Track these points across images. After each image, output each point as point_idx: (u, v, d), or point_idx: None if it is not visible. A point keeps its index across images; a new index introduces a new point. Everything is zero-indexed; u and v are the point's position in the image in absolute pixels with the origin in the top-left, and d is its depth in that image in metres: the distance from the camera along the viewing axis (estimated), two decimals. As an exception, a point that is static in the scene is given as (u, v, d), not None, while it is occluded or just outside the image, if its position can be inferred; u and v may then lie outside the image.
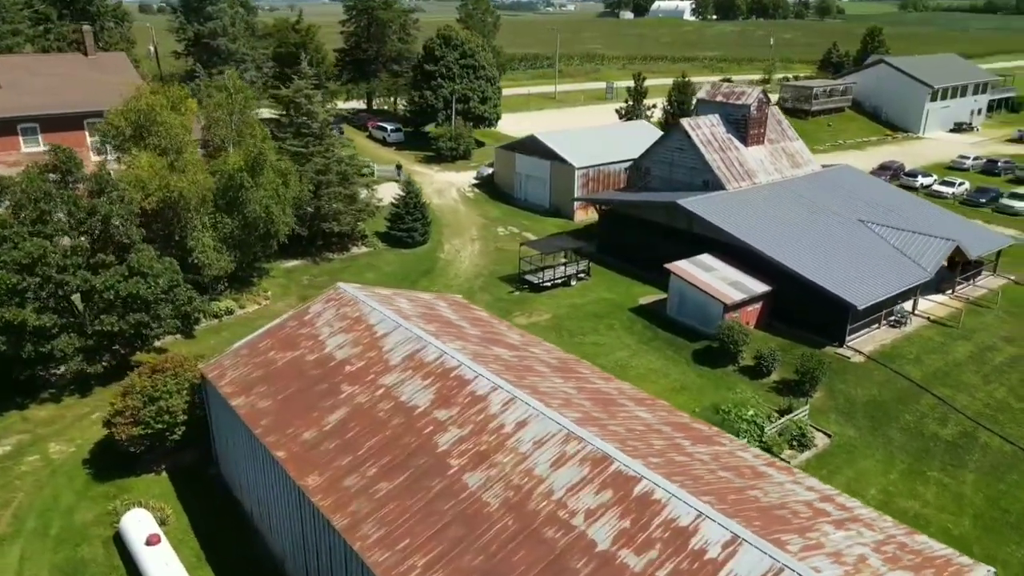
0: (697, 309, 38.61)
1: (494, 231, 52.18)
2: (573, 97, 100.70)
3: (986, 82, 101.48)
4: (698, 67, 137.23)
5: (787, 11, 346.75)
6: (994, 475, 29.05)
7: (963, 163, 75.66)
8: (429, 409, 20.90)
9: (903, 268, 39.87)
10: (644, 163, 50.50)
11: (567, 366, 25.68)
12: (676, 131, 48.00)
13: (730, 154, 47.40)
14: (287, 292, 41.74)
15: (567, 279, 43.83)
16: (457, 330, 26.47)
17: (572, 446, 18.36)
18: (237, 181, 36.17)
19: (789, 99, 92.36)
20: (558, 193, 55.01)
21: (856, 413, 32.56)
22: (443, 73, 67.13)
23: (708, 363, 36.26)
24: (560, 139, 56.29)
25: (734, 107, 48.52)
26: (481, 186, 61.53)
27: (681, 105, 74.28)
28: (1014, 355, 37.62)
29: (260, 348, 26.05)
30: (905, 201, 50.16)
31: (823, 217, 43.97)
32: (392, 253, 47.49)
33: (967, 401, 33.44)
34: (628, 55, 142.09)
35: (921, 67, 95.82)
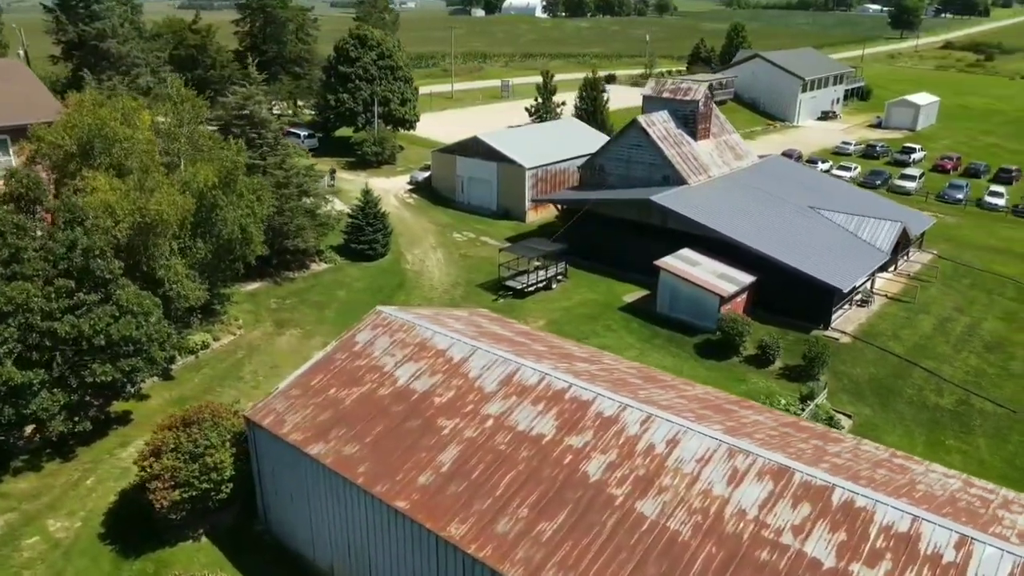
0: (690, 304, 39.12)
1: (451, 237, 50.40)
2: (471, 96, 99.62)
3: (842, 73, 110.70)
4: (575, 63, 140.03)
5: (630, 8, 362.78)
6: (1000, 438, 31.50)
7: (846, 148, 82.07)
8: (558, 436, 19.58)
9: (863, 250, 42.42)
10: (598, 161, 50.59)
11: (649, 374, 25.04)
12: (632, 128, 48.40)
13: (684, 149, 48.48)
14: (259, 319, 38.10)
15: (548, 282, 43.09)
16: (527, 347, 25.10)
17: (741, 460, 17.78)
18: (209, 199, 32.43)
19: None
20: (507, 195, 54.01)
21: (864, 392, 34.25)
22: (360, 75, 64.00)
23: (713, 356, 36.86)
24: (504, 140, 55.28)
25: (682, 103, 49.64)
26: (418, 191, 59.31)
27: (593, 102, 75.23)
28: (968, 324, 41.09)
29: (315, 387, 23.41)
30: (835, 186, 53.55)
31: (780, 206, 45.96)
32: (355, 268, 44.62)
33: (951, 371, 36.10)
34: (505, 53, 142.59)
35: (791, 61, 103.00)
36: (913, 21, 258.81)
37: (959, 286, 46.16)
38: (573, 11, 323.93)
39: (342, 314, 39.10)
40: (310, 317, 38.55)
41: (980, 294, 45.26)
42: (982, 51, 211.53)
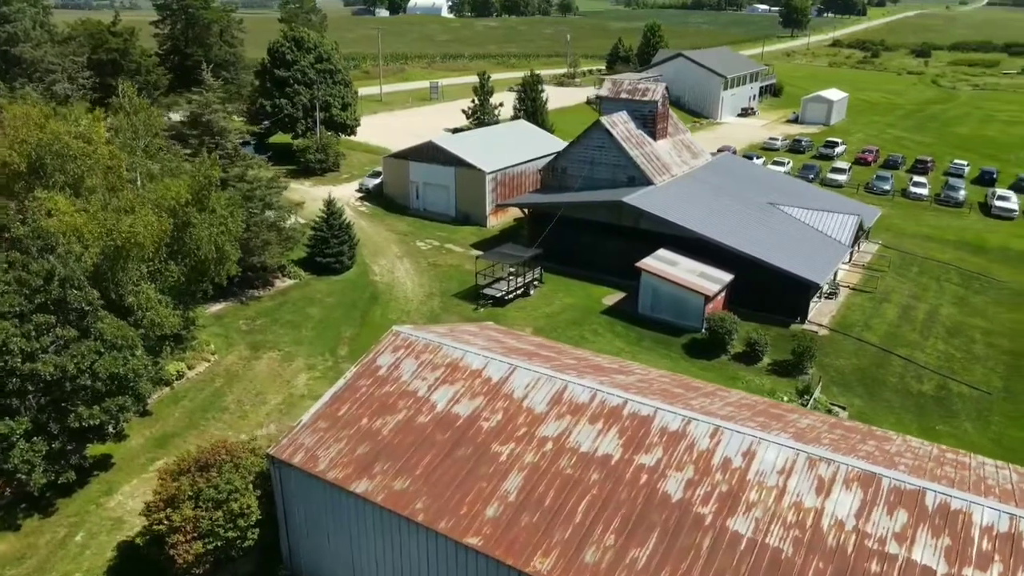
0: (673, 304, 39.21)
1: (414, 246, 48.80)
2: (400, 98, 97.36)
3: (757, 71, 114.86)
4: (496, 64, 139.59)
5: (534, 8, 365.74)
6: (982, 420, 32.99)
7: (774, 143, 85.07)
8: (627, 456, 18.87)
9: (827, 244, 43.74)
10: (560, 163, 50.16)
11: (684, 382, 24.65)
12: (595, 130, 48.20)
13: (646, 149, 48.70)
14: (231, 343, 35.55)
15: (526, 288, 42.29)
16: (558, 361, 24.24)
17: (824, 469, 17.58)
18: (182, 217, 29.89)
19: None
20: (466, 200, 52.81)
21: (851, 383, 35.20)
22: (298, 79, 61.20)
23: (702, 355, 37.06)
24: (460, 144, 54.03)
25: (641, 103, 49.85)
26: (369, 199, 57.23)
27: (533, 102, 74.93)
28: (928, 311, 43.04)
29: (344, 418, 21.80)
30: (785, 182, 55.14)
31: (743, 203, 46.83)
32: (322, 282, 42.44)
33: (924, 357, 37.63)
34: (427, 54, 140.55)
35: (712, 59, 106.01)
36: (802, 20, 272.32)
37: (909, 274, 48.37)
38: (479, 11, 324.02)
39: (320, 333, 37.07)
40: (286, 338, 36.32)
41: (930, 281, 47.56)
42: (867, 48, 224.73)
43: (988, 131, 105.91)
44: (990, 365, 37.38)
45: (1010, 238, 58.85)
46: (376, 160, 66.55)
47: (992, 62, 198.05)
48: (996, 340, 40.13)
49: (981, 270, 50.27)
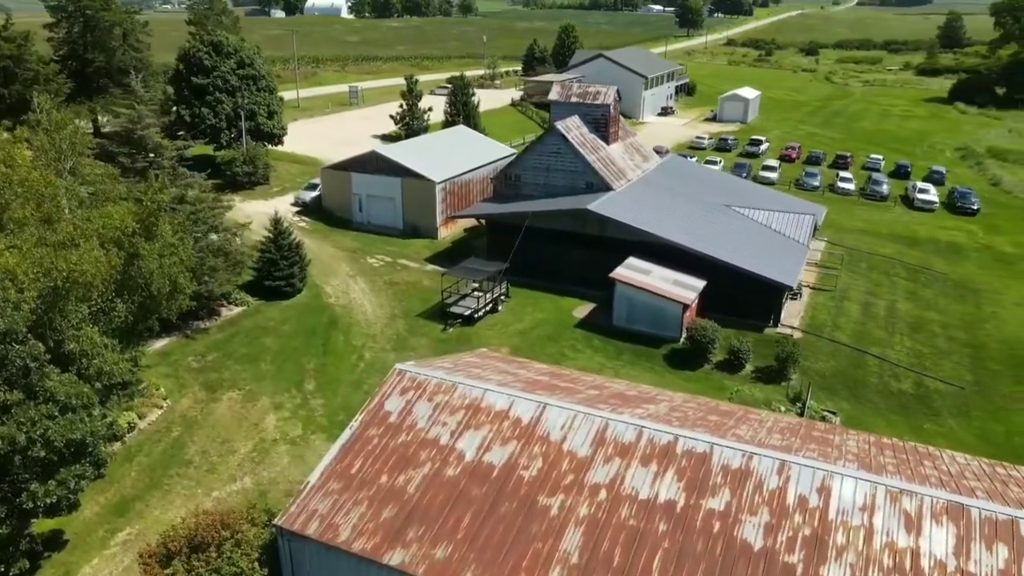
0: (650, 314, 38.12)
1: (366, 263, 45.80)
2: (318, 104, 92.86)
3: (673, 71, 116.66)
4: (410, 66, 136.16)
5: (435, 9, 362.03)
6: (963, 416, 33.45)
7: (702, 142, 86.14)
8: (692, 501, 17.30)
9: (788, 245, 43.81)
10: (514, 171, 48.35)
11: (710, 406, 23.32)
12: (550, 135, 46.66)
13: (602, 154, 47.58)
14: (183, 384, 31.83)
15: (494, 304, 40.25)
16: (579, 392, 22.42)
17: (908, 503, 16.54)
18: (128, 249, 26.25)
19: (535, 94, 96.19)
20: (415, 212, 50.13)
21: (835, 386, 35.05)
22: (219, 86, 56.71)
23: (685, 366, 36.12)
24: (405, 153, 51.24)
25: (592, 107, 48.67)
26: (307, 213, 53.62)
27: (465, 106, 72.77)
28: (887, 307, 43.79)
29: (359, 475, 19.26)
30: (733, 182, 55.29)
31: (701, 206, 46.40)
32: (274, 308, 38.96)
33: (895, 355, 38.03)
34: (337, 56, 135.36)
35: (631, 59, 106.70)
36: (697, 20, 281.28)
37: (860, 270, 49.29)
38: (380, 12, 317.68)
39: (281, 366, 33.82)
40: (245, 374, 32.90)
41: (880, 276, 48.59)
42: (761, 47, 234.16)
43: (888, 126, 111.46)
44: (956, 359, 38.18)
45: (936, 230, 61.33)
46: (306, 171, 62.84)
47: (875, 59, 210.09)
48: (954, 333, 41.16)
49: (922, 263, 51.88)
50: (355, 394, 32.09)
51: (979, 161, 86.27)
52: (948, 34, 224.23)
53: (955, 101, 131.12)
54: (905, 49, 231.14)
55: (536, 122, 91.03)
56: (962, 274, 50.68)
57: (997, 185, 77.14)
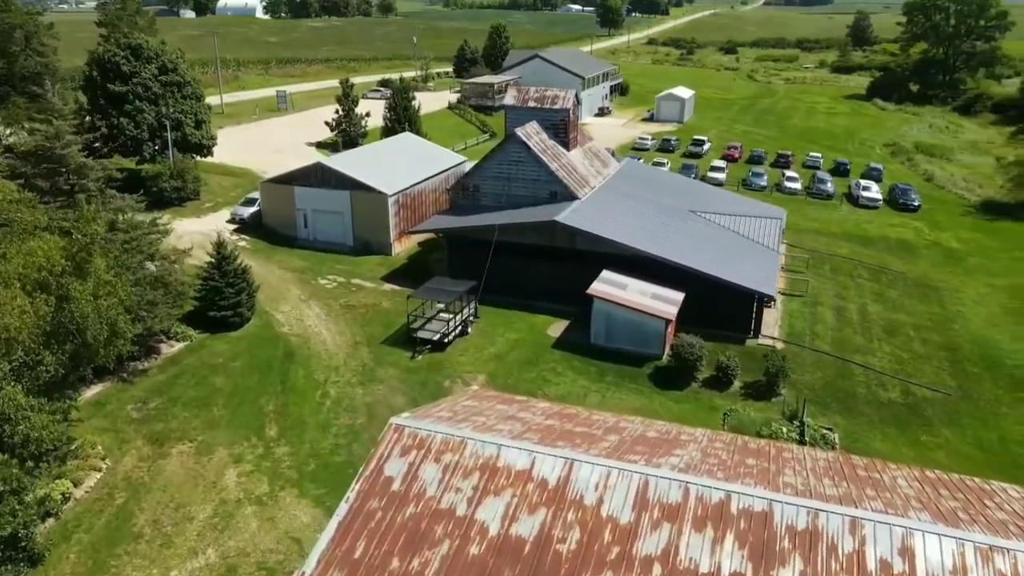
0: (630, 331, 36.16)
1: (318, 285, 42.21)
2: (244, 109, 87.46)
3: (608, 71, 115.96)
4: (337, 68, 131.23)
5: (354, 9, 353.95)
6: (955, 424, 32.75)
7: (645, 143, 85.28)
8: (762, 572, 15.13)
9: (760, 251, 42.66)
10: (471, 181, 45.63)
11: (739, 444, 21.26)
12: (510, 143, 44.14)
13: (563, 161, 45.39)
14: (124, 439, 27.84)
15: (463, 326, 37.48)
16: (603, 440, 20.01)
17: (1001, 562, 14.79)
18: (56, 291, 22.38)
19: (472, 96, 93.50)
20: (366, 227, 46.70)
21: (825, 400, 33.85)
22: (140, 94, 51.75)
23: (672, 385, 34.31)
24: (352, 164, 47.68)
25: (551, 112, 46.38)
26: (246, 231, 49.43)
27: (405, 111, 69.43)
28: (858, 311, 43.19)
29: (365, 561, 16.30)
30: (692, 186, 54.04)
31: (668, 213, 44.82)
32: (221, 342, 35.08)
33: (878, 361, 37.24)
34: (259, 59, 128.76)
35: (567, 59, 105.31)
36: (617, 20, 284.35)
37: (824, 272, 48.75)
38: (297, 11, 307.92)
39: (236, 410, 30.19)
40: (195, 422, 29.14)
41: (845, 278, 48.15)
42: (682, 46, 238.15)
43: (816, 123, 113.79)
44: (936, 364, 37.69)
45: (884, 227, 61.88)
46: (240, 183, 58.43)
47: (791, 57, 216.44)
48: (927, 335, 40.82)
49: (880, 263, 51.87)
50: (324, 438, 28.86)
51: (910, 157, 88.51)
52: (857, 33, 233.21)
53: (873, 98, 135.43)
54: (817, 47, 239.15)
55: (475, 125, 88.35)
56: (919, 272, 50.88)
57: (931, 180, 79.08)
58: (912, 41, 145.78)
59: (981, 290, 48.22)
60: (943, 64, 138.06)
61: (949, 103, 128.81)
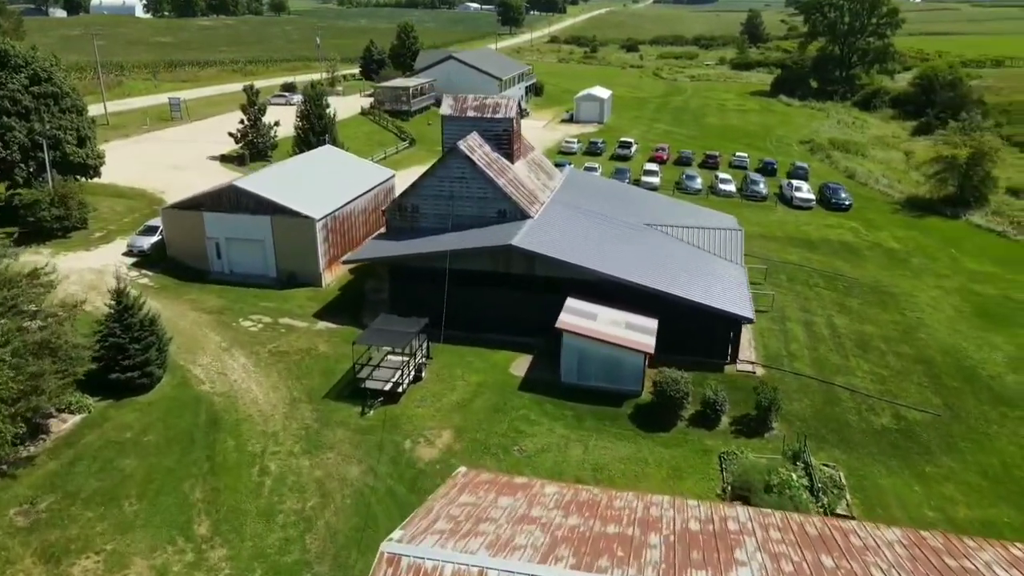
0: (606, 367, 32.61)
1: (241, 329, 36.53)
2: (132, 120, 78.63)
3: (523, 71, 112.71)
4: (232, 71, 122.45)
5: (244, 8, 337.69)
6: (954, 450, 30.85)
7: (571, 147, 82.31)
8: None
9: (727, 267, 40.03)
10: (409, 201, 40.93)
11: (801, 531, 17.80)
12: (452, 157, 39.73)
13: (510, 175, 41.42)
14: (8, 562, 21.82)
15: (417, 371, 32.91)
16: (647, 546, 16.11)
17: None
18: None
19: (386, 101, 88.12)
20: (291, 256, 41.17)
21: (820, 432, 31.34)
22: (7, 108, 44.15)
23: (655, 426, 30.95)
24: (270, 185, 41.87)
25: (492, 121, 42.32)
26: (147, 264, 42.88)
27: (320, 119, 63.62)
28: (826, 325, 41.25)
29: None
30: (635, 194, 51.10)
31: (624, 228, 41.61)
32: (128, 410, 29.13)
33: (860, 382, 35.16)
34: (145, 62, 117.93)
35: (482, 60, 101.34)
36: (518, 18, 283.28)
37: (781, 282, 46.84)
38: (181, 11, 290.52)
39: (155, 502, 24.61)
40: (102, 525, 23.43)
41: (803, 288, 46.38)
42: (585, 44, 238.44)
43: (731, 120, 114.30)
44: (915, 380, 35.99)
45: (823, 229, 61.09)
46: (135, 207, 51.47)
47: (692, 55, 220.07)
48: (898, 348, 39.24)
49: (831, 268, 50.55)
50: (269, 530, 23.81)
51: (828, 155, 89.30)
52: (751, 31, 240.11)
53: (778, 94, 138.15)
54: (714, 45, 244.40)
55: (392, 132, 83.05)
56: (869, 277, 49.80)
57: (852, 178, 79.63)
58: (810, 38, 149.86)
59: (932, 293, 47.48)
60: (840, 61, 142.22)
61: (849, 98, 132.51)
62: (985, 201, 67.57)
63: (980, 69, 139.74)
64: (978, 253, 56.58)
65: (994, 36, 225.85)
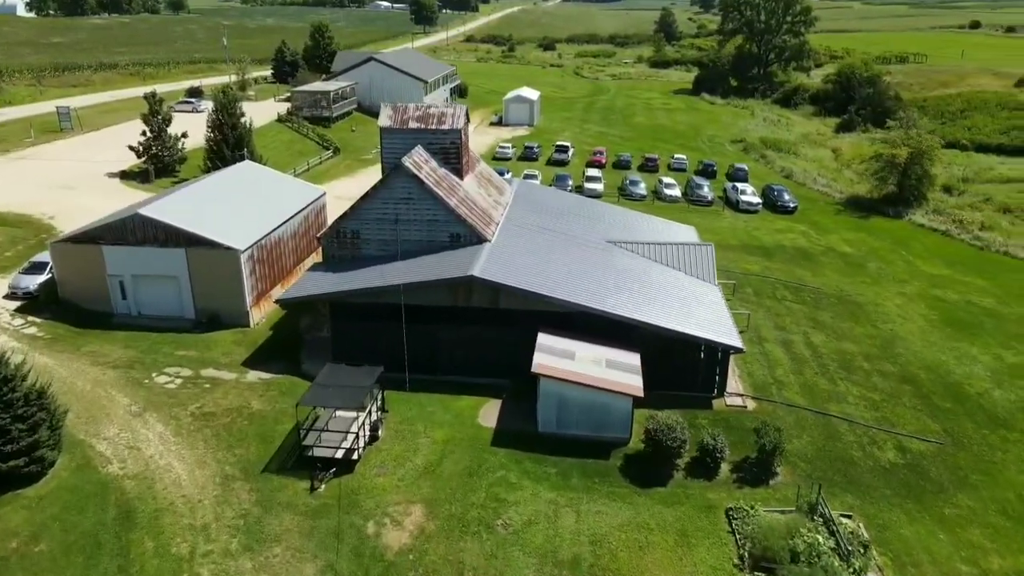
0: (590, 414, 28.81)
1: (155, 386, 30.74)
2: (14, 132, 69.22)
3: (447, 73, 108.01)
4: (131, 75, 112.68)
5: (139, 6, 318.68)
6: (966, 485, 28.50)
7: (506, 152, 78.34)
8: None
9: (704, 289, 36.82)
10: (348, 226, 35.93)
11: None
12: (397, 177, 34.97)
13: (460, 194, 37.06)
14: None
15: (374, 430, 28.17)
16: None
17: None
18: None
19: (304, 106, 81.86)
20: (213, 294, 35.46)
21: (827, 474, 28.41)
22: None
23: (650, 480, 27.34)
24: (181, 211, 35.94)
25: (438, 133, 37.84)
26: (33, 310, 36.32)
27: (234, 130, 57.43)
28: (804, 343, 38.77)
29: None
30: (589, 207, 47.52)
31: (590, 250, 37.92)
32: (13, 508, 23.15)
33: (855, 411, 32.60)
34: (28, 66, 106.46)
35: (405, 62, 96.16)
36: (432, 17, 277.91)
37: (749, 296, 44.28)
38: (69, 9, 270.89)
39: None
40: None
41: (771, 302, 43.93)
42: (501, 42, 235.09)
43: (660, 120, 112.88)
44: (908, 403, 33.73)
45: (774, 234, 59.28)
46: (18, 237, 44.47)
47: (609, 53, 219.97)
48: (881, 366, 37.06)
49: (794, 278, 48.44)
50: (206, 668, 18.78)
51: (763, 154, 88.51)
52: (665, 29, 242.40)
53: (700, 92, 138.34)
54: (629, 43, 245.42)
55: (314, 141, 77.01)
56: (832, 285, 47.92)
57: (790, 177, 78.73)
58: (728, 36, 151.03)
59: (897, 301, 45.90)
60: (758, 58, 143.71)
61: (769, 96, 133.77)
62: (924, 200, 67.55)
63: (887, 65, 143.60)
64: (928, 255, 55.85)
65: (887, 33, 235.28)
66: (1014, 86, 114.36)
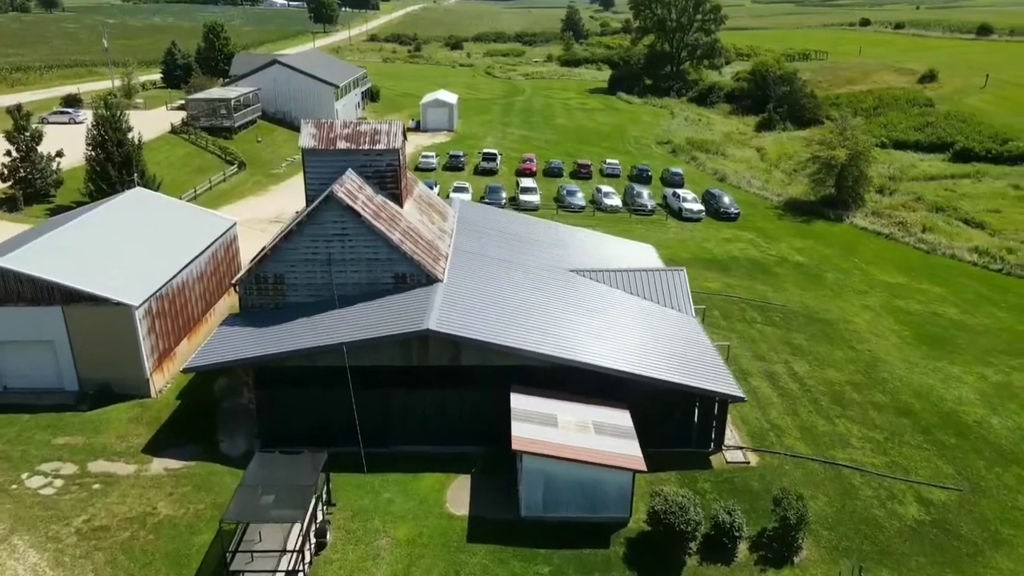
0: (583, 492, 24.12)
1: (27, 494, 23.81)
2: None
3: (358, 76, 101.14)
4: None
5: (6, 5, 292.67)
6: (1002, 543, 25.45)
7: (430, 162, 72.79)
8: None
9: (683, 324, 32.79)
10: (269, 270, 29.83)
11: None
12: (326, 210, 29.11)
13: (403, 224, 31.59)
14: None
15: (320, 535, 22.47)
16: None
17: None
18: None
19: (202, 115, 73.63)
20: (100, 360, 28.53)
21: (851, 538, 24.81)
22: None
23: (660, 570, 22.91)
24: (55, 259, 28.83)
25: (372, 154, 32.24)
26: None
27: (120, 147, 49.61)
28: (788, 374, 35.43)
29: None
30: (539, 228, 42.78)
31: (560, 287, 33.10)
32: None
33: (862, 457, 29.24)
34: None
35: (313, 65, 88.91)
36: (332, 15, 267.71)
37: (718, 321, 40.72)
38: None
39: None
40: None
41: (742, 326, 40.55)
42: (406, 42, 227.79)
43: (582, 121, 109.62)
44: (912, 442, 30.71)
45: (723, 244, 56.45)
46: None
47: (519, 52, 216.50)
48: (872, 396, 34.12)
49: (757, 296, 45.40)
50: None
51: (692, 156, 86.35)
52: (572, 27, 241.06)
53: (616, 91, 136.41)
54: (537, 41, 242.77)
55: (215, 154, 69.08)
56: (796, 301, 45.16)
57: (724, 180, 76.72)
58: (640, 34, 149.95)
59: (865, 316, 43.51)
60: (670, 57, 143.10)
61: (685, 95, 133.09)
62: (862, 201, 66.48)
63: (794, 63, 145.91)
64: (879, 261, 54.22)
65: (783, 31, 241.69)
66: (917, 82, 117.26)
